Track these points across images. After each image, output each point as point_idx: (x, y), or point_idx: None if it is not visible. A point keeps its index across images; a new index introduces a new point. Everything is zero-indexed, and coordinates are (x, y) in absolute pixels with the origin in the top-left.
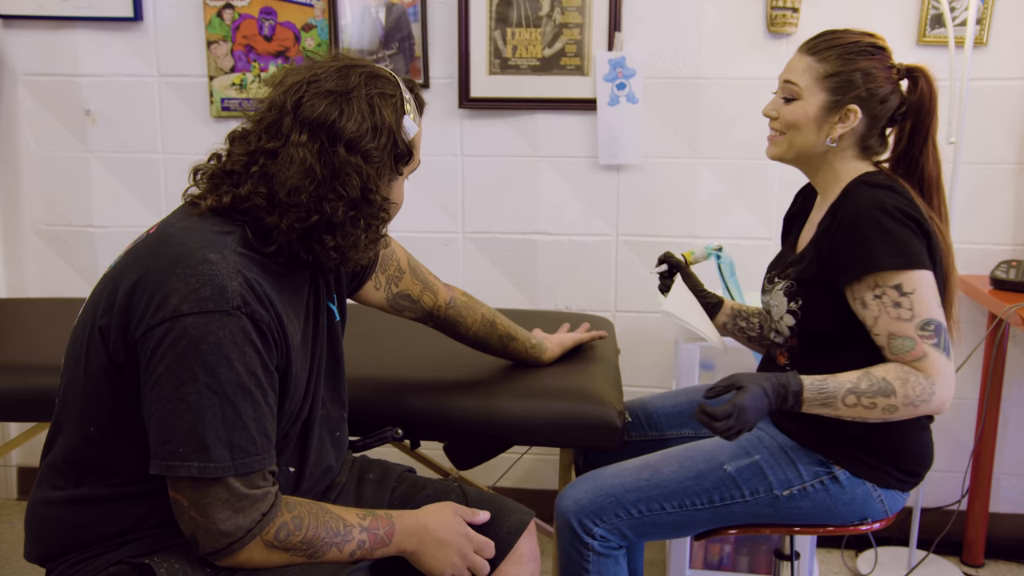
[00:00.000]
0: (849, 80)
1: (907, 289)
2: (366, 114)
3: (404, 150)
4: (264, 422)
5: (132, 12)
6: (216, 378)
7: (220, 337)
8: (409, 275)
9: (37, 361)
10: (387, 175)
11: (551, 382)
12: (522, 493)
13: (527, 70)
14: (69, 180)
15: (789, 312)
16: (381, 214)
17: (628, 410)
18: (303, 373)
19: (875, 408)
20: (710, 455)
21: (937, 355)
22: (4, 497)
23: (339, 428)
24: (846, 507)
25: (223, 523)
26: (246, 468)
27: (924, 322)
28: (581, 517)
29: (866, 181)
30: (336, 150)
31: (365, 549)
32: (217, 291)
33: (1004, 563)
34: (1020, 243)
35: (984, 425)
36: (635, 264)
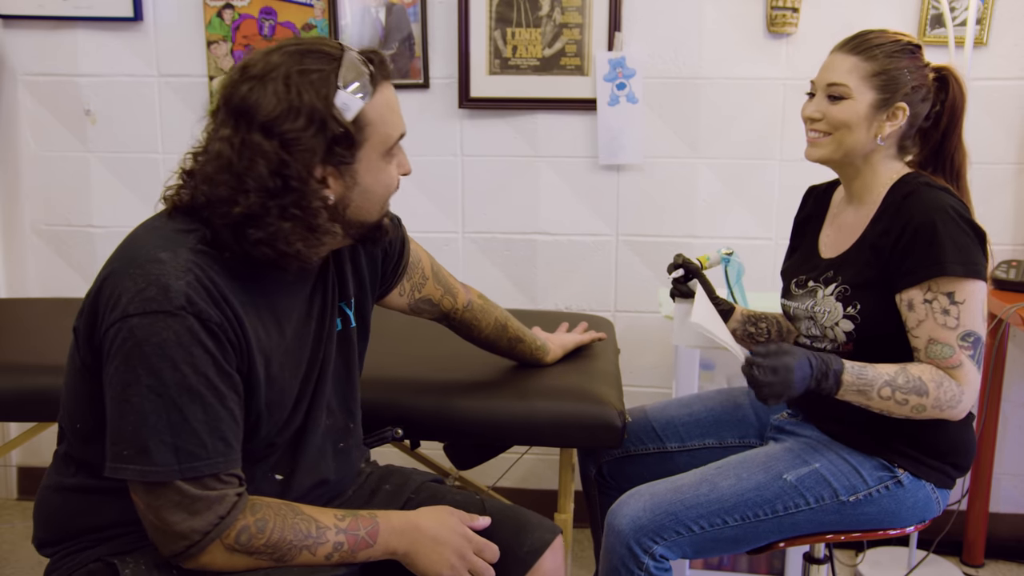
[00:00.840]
0: (896, 78)
1: (959, 299)
2: (282, 95)
3: (340, 131)
4: (219, 425)
5: (132, 12)
6: (160, 380)
7: (164, 338)
8: (432, 280)
9: (37, 361)
10: (318, 159)
11: (551, 382)
12: (522, 493)
13: (527, 70)
14: (69, 180)
15: (847, 317)
16: (307, 202)
17: (641, 420)
18: (294, 381)
19: (906, 405)
20: (766, 466)
21: (971, 366)
22: (4, 497)
23: (345, 439)
24: (910, 510)
25: (177, 525)
26: (194, 472)
27: (966, 333)
28: (640, 536)
29: (928, 183)
30: (251, 137)
31: (344, 551)
32: (161, 291)
33: (1004, 563)
34: (1020, 243)
35: (984, 425)
36: (635, 264)
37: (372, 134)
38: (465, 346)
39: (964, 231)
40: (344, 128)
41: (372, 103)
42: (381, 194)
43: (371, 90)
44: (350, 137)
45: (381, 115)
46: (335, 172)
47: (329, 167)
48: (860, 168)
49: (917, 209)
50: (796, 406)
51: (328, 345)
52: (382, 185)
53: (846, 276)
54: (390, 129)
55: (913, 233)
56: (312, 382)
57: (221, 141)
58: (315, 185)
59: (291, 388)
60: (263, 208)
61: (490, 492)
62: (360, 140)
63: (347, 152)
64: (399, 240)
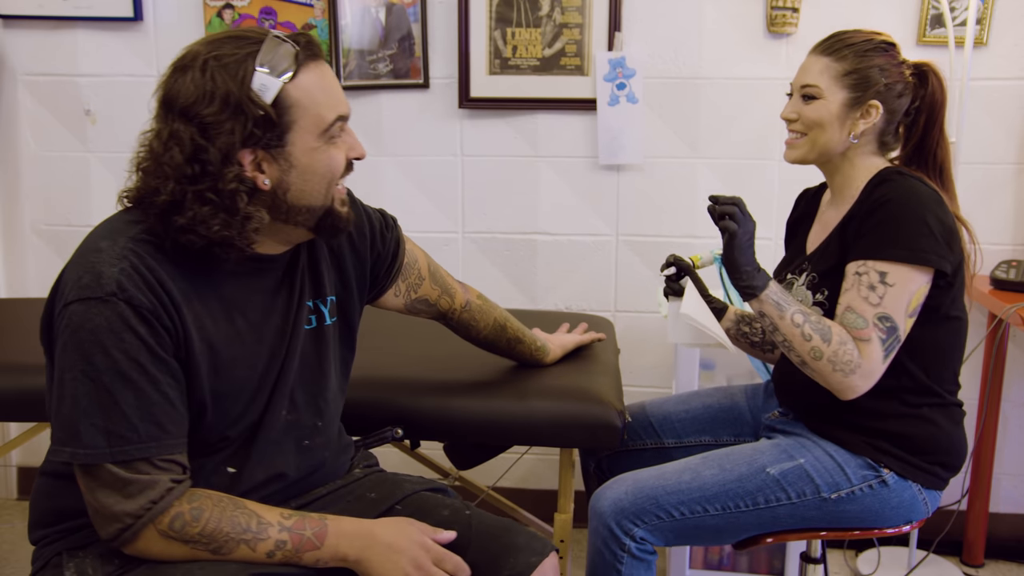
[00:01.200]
0: (867, 76)
1: (889, 280)
2: (198, 81)
3: (261, 114)
4: (152, 409)
5: (132, 12)
6: (92, 364)
7: (96, 324)
8: (429, 281)
9: (37, 361)
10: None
11: (551, 382)
12: (522, 493)
13: (527, 70)
14: (69, 180)
15: (816, 304)
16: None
17: (639, 416)
18: (246, 372)
19: (807, 343)
20: (751, 458)
21: (878, 348)
22: (4, 497)
23: (311, 437)
24: (894, 510)
25: (110, 508)
26: (124, 456)
27: (885, 315)
28: (620, 518)
29: (901, 173)
30: (173, 126)
31: (287, 550)
32: (95, 278)
33: (1004, 563)
34: (1020, 243)
35: (984, 425)
36: (635, 264)
37: (301, 115)
38: (465, 346)
39: (926, 221)
40: (264, 110)
41: (296, 84)
42: (322, 176)
43: (292, 70)
44: (271, 119)
45: (309, 96)
46: (267, 156)
47: (260, 151)
48: (839, 165)
49: (883, 192)
50: (787, 405)
51: (293, 341)
52: (322, 166)
53: (816, 265)
54: (322, 110)
55: (871, 214)
56: (272, 377)
57: (150, 133)
58: (234, 169)
59: (245, 381)
60: (183, 194)
61: (490, 492)
62: (287, 122)
63: (273, 135)
64: (393, 241)
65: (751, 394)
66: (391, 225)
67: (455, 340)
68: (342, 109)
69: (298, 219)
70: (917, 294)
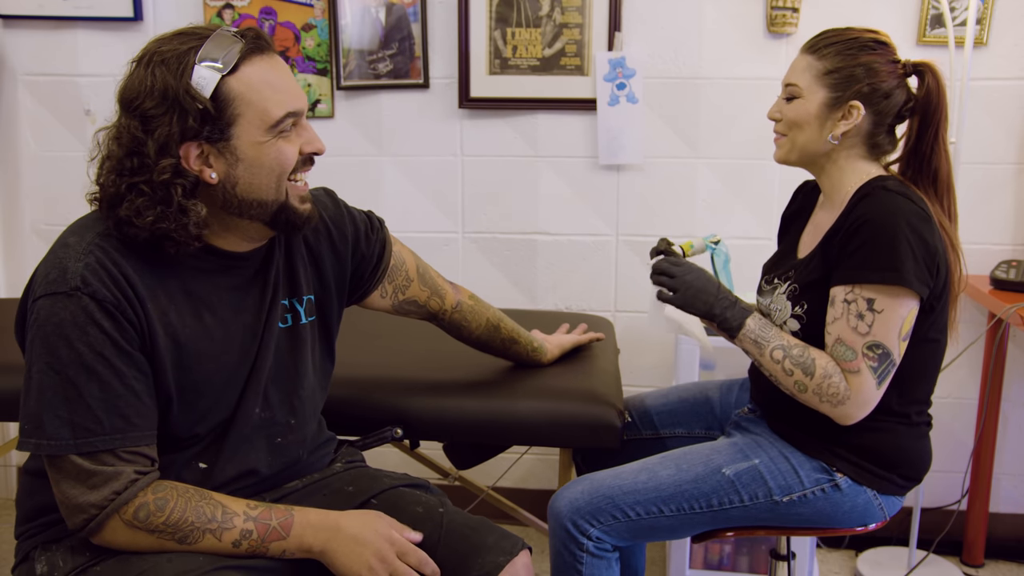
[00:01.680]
0: (850, 75)
1: (877, 307)
2: (140, 77)
3: (200, 108)
4: (117, 402)
5: (132, 12)
6: (56, 357)
7: (62, 318)
8: (417, 283)
9: None
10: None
11: (551, 382)
12: (522, 493)
13: (527, 70)
14: (69, 180)
15: (794, 317)
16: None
17: (628, 411)
18: (214, 369)
19: (790, 376)
20: (707, 458)
21: (869, 378)
22: (4, 497)
23: (284, 435)
24: (847, 514)
25: (76, 499)
26: (88, 447)
27: (875, 343)
28: (576, 518)
29: (884, 186)
30: (120, 121)
31: (253, 540)
32: (60, 273)
33: (1004, 563)
34: (1020, 243)
35: (984, 425)
36: (635, 264)
37: (244, 109)
38: (464, 346)
39: (908, 243)
40: (203, 104)
41: (238, 77)
42: (271, 170)
43: (233, 64)
44: (210, 113)
45: (253, 89)
46: (213, 150)
47: (205, 145)
48: (825, 167)
49: (864, 211)
50: (756, 402)
51: (266, 339)
52: (270, 159)
53: (799, 275)
54: (268, 104)
55: (853, 233)
56: (243, 375)
57: (106, 130)
58: (169, 161)
59: (212, 377)
60: (120, 186)
61: (490, 492)
62: (230, 116)
63: (215, 128)
64: (378, 243)
65: (726, 389)
66: (376, 227)
67: (455, 340)
68: (292, 104)
69: (251, 213)
70: (908, 318)
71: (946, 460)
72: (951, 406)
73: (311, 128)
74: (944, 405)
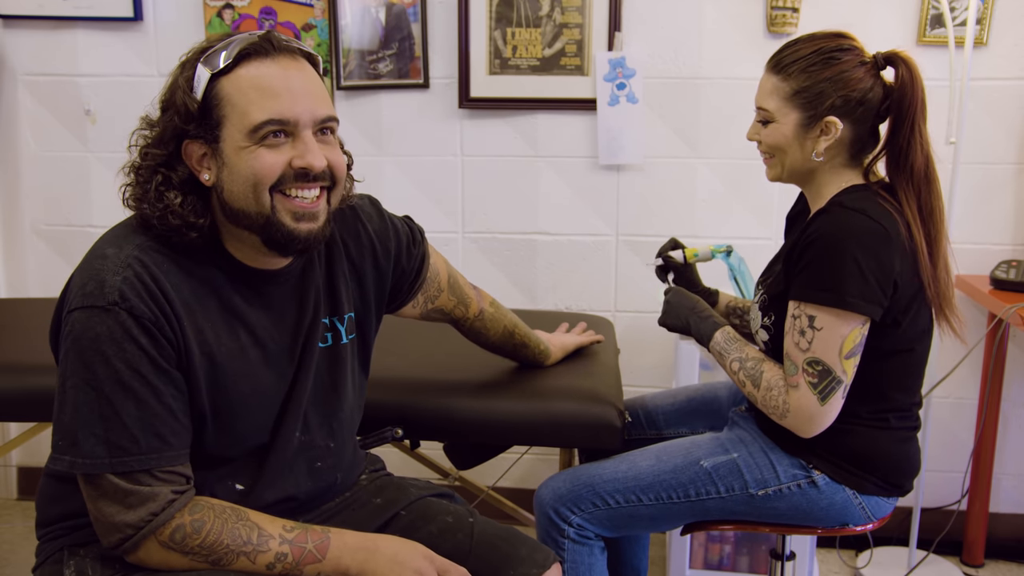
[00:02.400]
0: (819, 92)
1: (817, 325)
2: (170, 78)
3: (192, 105)
4: (154, 421)
5: (132, 12)
6: (93, 373)
7: (98, 333)
8: (447, 293)
9: (37, 361)
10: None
11: (551, 382)
12: (522, 493)
13: (527, 70)
14: (69, 180)
15: (763, 327)
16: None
17: (628, 408)
18: (250, 391)
19: (744, 387)
20: (687, 450)
21: (807, 394)
22: (4, 497)
23: (323, 459)
24: (823, 511)
25: (112, 518)
26: (124, 467)
27: (814, 360)
28: (558, 505)
29: (842, 203)
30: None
31: (287, 563)
32: (97, 286)
33: (1004, 563)
34: (1020, 243)
35: (984, 425)
36: (635, 264)
37: (230, 112)
38: (465, 346)
39: (853, 260)
40: (193, 103)
41: (231, 78)
42: (246, 178)
43: (230, 65)
44: (195, 112)
45: (241, 92)
46: (209, 151)
47: (204, 145)
48: (812, 180)
49: (816, 228)
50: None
51: (306, 362)
52: (245, 167)
53: (768, 287)
54: (251, 108)
55: (804, 250)
56: (280, 397)
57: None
58: (157, 150)
59: (248, 398)
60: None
61: (490, 492)
62: (217, 117)
63: (205, 128)
64: (419, 257)
65: (735, 388)
66: (419, 240)
67: (455, 340)
68: (281, 112)
69: (242, 224)
70: (849, 338)
71: (946, 460)
72: (951, 406)
73: (312, 143)
74: (944, 405)
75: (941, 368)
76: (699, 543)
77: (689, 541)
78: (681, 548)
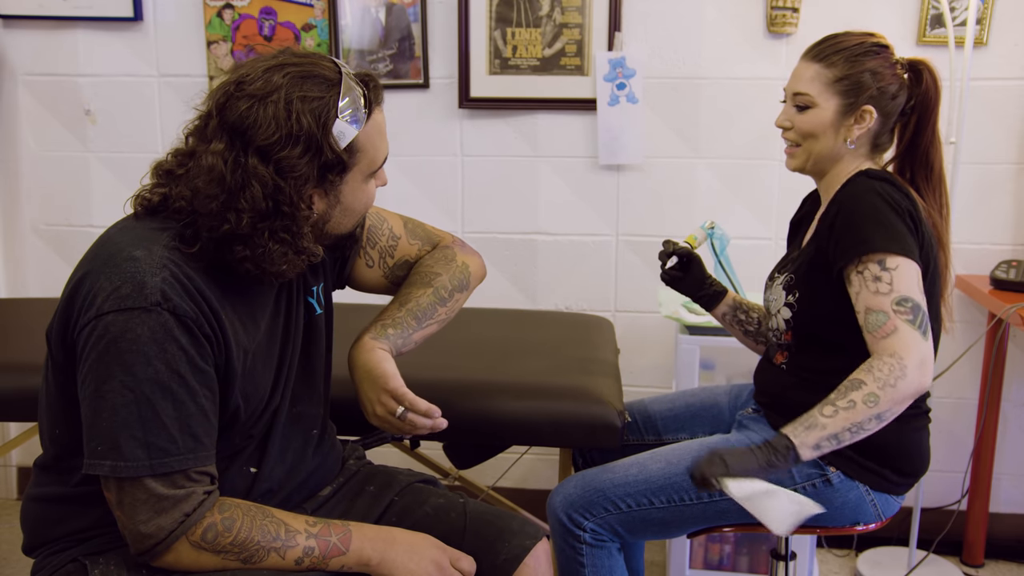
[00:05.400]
0: (859, 81)
1: (890, 265)
2: (282, 120)
3: (333, 158)
4: (190, 421)
5: (132, 12)
6: (133, 375)
7: (138, 334)
8: (406, 238)
9: (37, 361)
10: (310, 184)
11: (551, 382)
12: (522, 493)
13: (527, 70)
14: (69, 180)
15: (786, 305)
16: (296, 226)
17: (628, 413)
18: (267, 373)
19: (856, 405)
20: (698, 452)
21: (910, 331)
22: (4, 497)
23: (317, 426)
24: (838, 510)
25: (144, 524)
26: (164, 468)
27: (901, 298)
28: (570, 511)
29: (865, 173)
30: (247, 159)
31: (315, 556)
32: (136, 288)
33: (1004, 563)
34: (1020, 243)
35: (984, 425)
36: (635, 264)
37: (362, 159)
38: (465, 346)
39: (896, 214)
40: (337, 155)
41: (365, 129)
42: (359, 211)
43: (366, 117)
44: (342, 163)
45: (372, 140)
46: (321, 192)
47: (319, 189)
48: (831, 169)
49: (846, 192)
50: (759, 402)
51: (296, 337)
52: (362, 204)
53: (795, 266)
54: (378, 154)
55: (843, 217)
56: (283, 374)
57: (214, 155)
58: (304, 209)
59: (264, 381)
60: (253, 229)
61: (490, 492)
62: (350, 165)
63: (337, 177)
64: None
65: (735, 393)
66: None
67: (455, 340)
68: (387, 150)
69: (323, 242)
70: (918, 277)
71: (946, 460)
72: (951, 406)
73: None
74: (944, 405)
75: (939, 367)
76: (699, 543)
77: (689, 541)
78: (681, 548)
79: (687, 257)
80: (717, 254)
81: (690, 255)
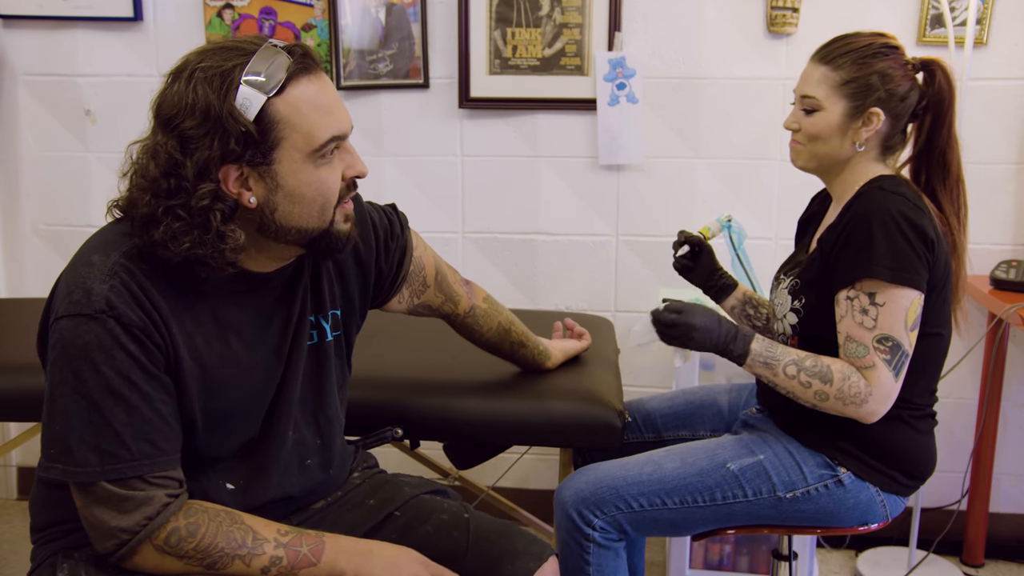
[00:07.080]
0: (867, 84)
1: (879, 300)
2: (181, 92)
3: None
4: (144, 427)
5: (132, 12)
6: (82, 382)
7: (87, 341)
8: (433, 289)
9: (37, 361)
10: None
11: (551, 382)
12: (522, 493)
13: (527, 70)
14: (69, 180)
15: (792, 311)
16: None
17: (627, 412)
18: (239, 392)
19: (809, 388)
20: (713, 452)
21: (884, 371)
22: (4, 497)
23: (312, 456)
24: (849, 512)
25: (107, 524)
26: (117, 474)
27: (883, 336)
28: (581, 508)
29: (880, 186)
30: (156, 137)
31: (282, 566)
32: (84, 294)
33: (1004, 563)
34: (1020, 243)
35: (984, 425)
36: (635, 264)
37: (289, 133)
38: (465, 346)
39: (903, 236)
40: (245, 127)
41: (284, 99)
42: (312, 198)
43: (280, 85)
44: (253, 136)
45: (299, 112)
46: (253, 173)
47: (245, 167)
48: (840, 171)
49: (859, 209)
50: (763, 403)
51: (294, 360)
52: (311, 189)
53: (802, 272)
54: (314, 128)
55: (849, 233)
56: (269, 396)
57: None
58: (209, 185)
59: (237, 403)
60: (157, 208)
61: (490, 492)
62: (274, 139)
63: (257, 152)
64: (399, 250)
65: (735, 392)
66: (398, 233)
67: (455, 340)
68: (338, 128)
69: (288, 239)
70: (912, 308)
71: (946, 460)
72: (951, 406)
73: (353, 150)
74: (944, 405)
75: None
76: (699, 543)
77: (689, 541)
78: (681, 548)
79: (698, 246)
80: (735, 247)
81: (701, 244)
